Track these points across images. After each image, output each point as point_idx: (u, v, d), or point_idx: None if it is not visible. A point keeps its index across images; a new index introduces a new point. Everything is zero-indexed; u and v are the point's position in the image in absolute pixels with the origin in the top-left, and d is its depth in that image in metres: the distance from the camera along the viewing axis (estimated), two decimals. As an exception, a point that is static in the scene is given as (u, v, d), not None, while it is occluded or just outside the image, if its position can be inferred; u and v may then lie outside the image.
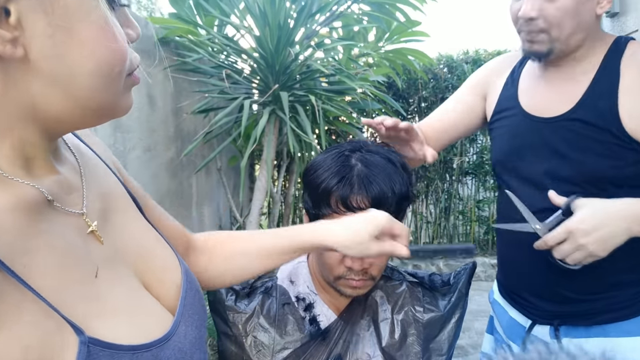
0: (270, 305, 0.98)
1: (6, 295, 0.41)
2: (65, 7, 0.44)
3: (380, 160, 0.91)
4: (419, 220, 5.51)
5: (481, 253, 5.55)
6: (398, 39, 4.07)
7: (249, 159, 4.69)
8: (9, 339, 0.40)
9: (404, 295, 1.02)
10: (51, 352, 0.42)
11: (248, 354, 0.94)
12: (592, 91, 1.03)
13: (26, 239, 0.44)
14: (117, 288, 0.53)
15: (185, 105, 3.52)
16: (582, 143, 1.02)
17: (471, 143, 5.58)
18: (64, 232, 0.49)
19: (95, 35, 0.46)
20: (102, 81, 0.48)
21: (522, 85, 1.15)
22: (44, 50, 0.44)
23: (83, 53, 0.46)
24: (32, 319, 0.42)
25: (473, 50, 5.54)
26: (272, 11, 3.02)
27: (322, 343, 0.96)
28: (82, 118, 0.50)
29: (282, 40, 3.05)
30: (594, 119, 1.00)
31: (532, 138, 1.09)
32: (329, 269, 0.92)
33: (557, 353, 0.36)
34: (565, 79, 1.08)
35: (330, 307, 0.99)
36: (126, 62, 0.51)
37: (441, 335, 1.00)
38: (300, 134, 3.04)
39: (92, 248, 0.52)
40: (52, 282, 0.45)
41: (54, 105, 0.47)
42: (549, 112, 1.08)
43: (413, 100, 5.46)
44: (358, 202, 0.86)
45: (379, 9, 3.60)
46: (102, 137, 2.64)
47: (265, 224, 4.65)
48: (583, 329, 1.08)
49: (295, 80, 3.29)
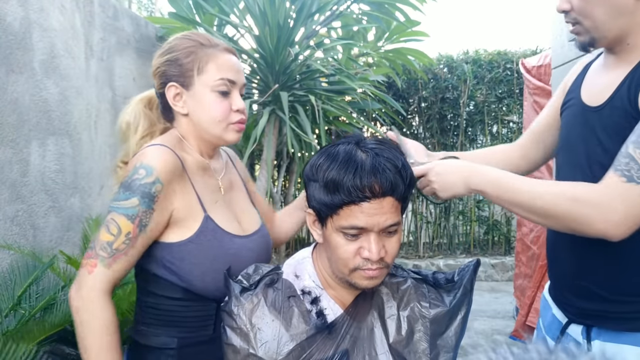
0: (276, 297, 0.98)
1: (187, 187, 1.07)
2: (195, 91, 1.10)
3: (385, 150, 0.93)
4: (419, 220, 5.51)
5: (481, 253, 5.56)
6: (398, 38, 4.07)
7: (249, 159, 4.69)
8: (179, 200, 1.05)
9: (410, 291, 1.02)
10: (191, 214, 1.07)
11: (253, 346, 0.94)
12: (628, 78, 1.00)
13: (197, 173, 1.12)
14: (225, 209, 1.15)
15: (185, 105, 3.52)
16: (617, 130, 1.00)
17: (471, 143, 5.59)
18: (211, 180, 1.16)
19: (210, 102, 1.11)
20: (213, 125, 1.12)
21: (588, 76, 1.15)
22: (191, 109, 1.11)
23: (204, 111, 1.11)
24: (190, 199, 1.07)
25: (473, 50, 5.54)
26: (271, 11, 3.02)
27: (329, 337, 0.95)
28: (209, 140, 1.14)
29: (281, 40, 3.05)
30: (622, 106, 0.99)
31: (582, 127, 1.09)
32: (344, 263, 0.92)
33: (557, 353, 0.36)
34: (618, 67, 1.05)
35: (337, 302, 0.99)
36: (228, 116, 1.11)
37: (448, 331, 1.00)
38: (300, 134, 3.04)
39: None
40: (200, 190, 1.10)
41: (200, 132, 1.13)
42: (597, 100, 1.07)
43: (413, 100, 5.46)
44: (372, 189, 0.87)
45: (379, 8, 3.60)
46: (102, 137, 2.64)
47: (265, 224, 4.65)
48: (614, 334, 1.04)
49: (295, 80, 3.29)
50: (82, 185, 2.47)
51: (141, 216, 0.99)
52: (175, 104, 1.11)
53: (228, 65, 1.10)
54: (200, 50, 1.09)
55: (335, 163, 0.90)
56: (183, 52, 1.09)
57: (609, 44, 1.04)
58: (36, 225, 2.14)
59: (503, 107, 5.42)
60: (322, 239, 0.97)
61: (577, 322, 1.12)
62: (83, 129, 2.48)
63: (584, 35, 1.04)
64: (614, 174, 0.92)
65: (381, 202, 0.88)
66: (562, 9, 1.04)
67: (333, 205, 0.90)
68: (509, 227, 5.51)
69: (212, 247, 1.06)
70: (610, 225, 0.91)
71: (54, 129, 2.26)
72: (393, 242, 0.93)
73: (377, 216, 0.88)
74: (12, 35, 2.01)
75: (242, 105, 1.12)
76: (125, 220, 0.98)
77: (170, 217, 1.04)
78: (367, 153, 0.91)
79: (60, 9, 2.33)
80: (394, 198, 0.89)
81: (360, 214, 0.88)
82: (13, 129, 2.01)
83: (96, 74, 2.62)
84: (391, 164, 0.90)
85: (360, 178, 0.87)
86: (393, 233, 0.92)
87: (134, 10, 7.88)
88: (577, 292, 1.10)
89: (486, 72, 5.37)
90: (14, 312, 1.74)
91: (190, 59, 1.08)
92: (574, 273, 1.10)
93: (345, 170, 0.88)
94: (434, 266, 5.18)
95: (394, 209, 0.90)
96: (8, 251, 1.94)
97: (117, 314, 0.98)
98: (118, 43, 2.84)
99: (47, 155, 2.22)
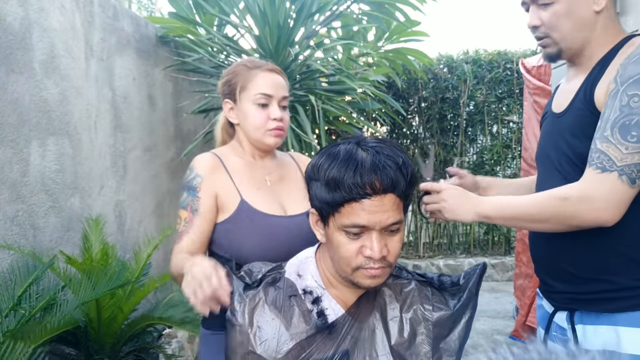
0: (277, 296, 0.98)
1: (226, 179, 1.32)
2: (242, 105, 1.35)
3: (386, 148, 0.93)
4: (419, 220, 5.51)
5: (481, 253, 5.56)
6: (398, 38, 4.07)
7: (249, 159, 4.67)
8: (220, 189, 1.31)
9: (413, 293, 1.02)
10: (230, 199, 1.30)
11: (253, 344, 0.94)
12: (587, 80, 1.12)
13: (241, 169, 1.36)
14: (268, 195, 1.34)
15: (185, 105, 3.52)
16: (582, 130, 1.11)
17: (471, 143, 5.59)
18: (256, 174, 1.37)
19: (252, 113, 1.33)
20: (254, 131, 1.34)
21: (558, 89, 1.29)
22: (240, 119, 1.37)
23: (247, 120, 1.34)
24: (229, 188, 1.31)
25: (473, 50, 5.54)
26: (271, 11, 3.02)
27: (329, 337, 0.95)
28: (254, 145, 1.37)
29: (282, 40, 3.05)
30: (583, 107, 1.11)
31: (552, 134, 1.21)
32: (347, 262, 0.92)
33: (557, 353, 0.36)
34: (576, 76, 1.18)
35: (339, 302, 0.99)
36: (266, 124, 1.32)
37: (452, 335, 0.99)
38: (300, 133, 3.04)
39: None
40: (239, 181, 1.33)
41: (248, 138, 1.37)
42: (561, 107, 1.19)
43: (413, 100, 5.46)
44: (372, 186, 0.88)
45: (379, 8, 3.60)
46: (103, 137, 2.64)
47: (265, 224, 4.65)
48: (594, 316, 1.11)
49: (295, 80, 3.29)
50: (82, 185, 2.47)
51: (191, 204, 1.30)
52: (230, 116, 1.39)
53: (265, 82, 1.34)
54: (244, 72, 1.36)
55: (336, 162, 0.91)
56: (232, 74, 1.38)
57: (573, 54, 1.16)
58: (36, 225, 2.14)
59: (503, 107, 5.42)
60: (325, 238, 0.96)
61: (562, 309, 1.20)
62: (83, 129, 2.48)
63: (552, 47, 1.16)
64: (589, 168, 1.04)
65: (382, 199, 0.88)
66: (533, 25, 1.16)
67: (334, 203, 0.90)
68: (509, 227, 5.51)
69: (246, 225, 1.29)
70: (599, 213, 1.02)
71: (54, 129, 2.26)
72: (395, 241, 0.93)
73: (379, 214, 0.88)
74: (12, 35, 2.01)
75: (278, 114, 1.33)
76: (182, 211, 1.31)
77: (216, 201, 1.31)
78: (367, 151, 0.91)
79: (60, 9, 2.33)
80: (395, 195, 0.89)
81: (361, 211, 0.88)
82: (13, 129, 2.01)
83: (96, 74, 2.62)
84: (392, 161, 0.90)
85: (361, 175, 0.87)
86: (395, 232, 0.92)
87: (134, 10, 7.88)
88: (556, 275, 1.19)
89: (486, 72, 5.37)
90: (14, 312, 1.74)
91: (237, 79, 1.36)
92: (552, 256, 1.19)
93: (346, 168, 0.89)
94: (434, 266, 5.18)
95: (395, 207, 0.90)
96: (8, 251, 1.94)
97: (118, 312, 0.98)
98: (118, 43, 2.84)
99: (47, 155, 2.22)
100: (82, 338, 2.08)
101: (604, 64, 1.11)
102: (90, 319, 2.01)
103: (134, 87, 2.96)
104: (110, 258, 2.17)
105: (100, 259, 2.12)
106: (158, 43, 3.28)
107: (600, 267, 1.10)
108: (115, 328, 2.10)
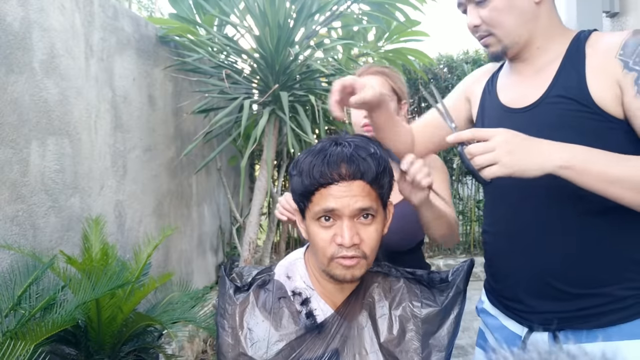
0: (267, 298, 1.00)
1: None
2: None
3: (361, 142, 0.97)
4: (419, 220, 5.51)
5: (481, 253, 5.55)
6: (398, 38, 4.07)
7: (249, 159, 4.69)
8: None
9: (402, 291, 1.03)
10: None
11: (243, 346, 0.96)
12: (561, 73, 1.06)
13: None
14: None
15: (185, 105, 3.52)
16: (562, 122, 1.04)
17: (471, 143, 5.58)
18: None
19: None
20: None
21: (499, 84, 1.21)
22: None
23: None
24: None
25: (473, 50, 5.54)
26: (272, 11, 3.02)
27: (319, 337, 0.97)
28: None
29: (282, 40, 3.05)
30: (565, 94, 1.03)
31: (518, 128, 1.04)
32: (323, 252, 0.94)
33: (557, 353, 0.36)
34: (534, 69, 1.12)
35: (327, 302, 1.01)
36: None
37: (440, 331, 1.00)
38: (300, 133, 3.04)
39: None
40: None
41: None
42: (525, 101, 1.11)
43: (413, 100, 5.46)
44: (339, 172, 0.91)
45: (379, 8, 3.60)
46: (102, 137, 2.64)
47: (265, 224, 4.65)
48: (585, 333, 1.03)
49: (295, 80, 3.29)
50: (82, 185, 2.47)
51: None
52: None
53: None
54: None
55: (310, 155, 0.95)
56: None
57: (520, 50, 1.10)
58: (36, 225, 2.14)
59: (503, 107, 5.42)
60: (305, 232, 1.00)
61: (540, 330, 1.08)
62: (83, 129, 2.48)
63: (495, 46, 1.10)
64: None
65: (350, 185, 0.91)
66: (473, 25, 1.10)
67: (306, 192, 0.93)
68: (509, 227, 5.51)
69: None
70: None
71: (54, 129, 2.26)
72: (370, 230, 0.94)
73: (347, 198, 0.91)
74: (12, 35, 2.01)
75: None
76: None
77: None
78: (341, 145, 0.95)
79: (60, 9, 2.33)
80: (365, 182, 0.92)
81: (329, 196, 0.91)
82: (13, 129, 2.01)
83: (96, 74, 2.62)
84: (363, 150, 0.94)
85: (328, 163, 0.92)
86: (368, 220, 0.94)
87: (134, 10, 7.87)
88: (540, 293, 1.07)
89: (486, 72, 5.37)
90: (14, 312, 1.74)
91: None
92: (535, 272, 1.07)
93: (316, 158, 0.93)
94: (434, 266, 5.17)
95: (365, 193, 0.92)
96: (8, 251, 1.94)
97: (118, 312, 0.99)
98: (118, 43, 2.84)
99: (47, 155, 2.22)
100: (82, 338, 2.08)
101: (573, 58, 1.05)
102: (90, 318, 2.01)
103: (134, 87, 2.96)
104: (110, 258, 2.17)
105: (100, 259, 2.11)
106: (158, 43, 3.28)
107: (594, 278, 1.02)
108: (115, 328, 2.10)
